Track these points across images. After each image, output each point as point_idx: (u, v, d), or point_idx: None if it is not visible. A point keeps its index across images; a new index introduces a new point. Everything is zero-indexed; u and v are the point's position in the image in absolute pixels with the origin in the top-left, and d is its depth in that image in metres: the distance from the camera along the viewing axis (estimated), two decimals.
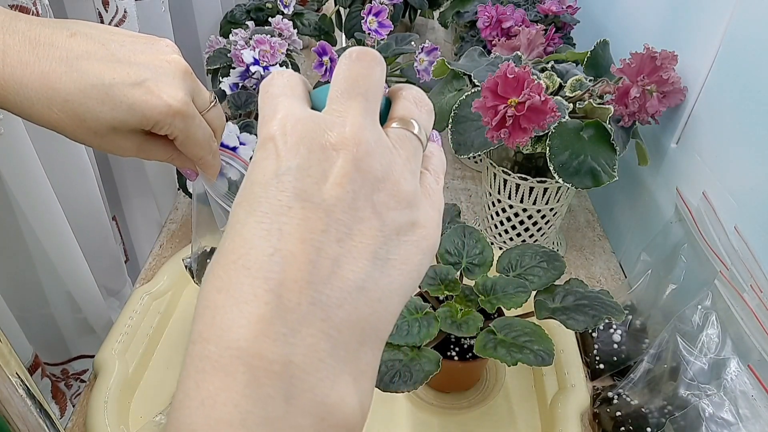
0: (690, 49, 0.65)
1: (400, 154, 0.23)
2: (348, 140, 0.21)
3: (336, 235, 0.20)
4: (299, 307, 0.19)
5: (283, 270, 0.19)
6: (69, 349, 0.74)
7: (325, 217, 0.20)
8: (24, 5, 0.53)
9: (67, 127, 0.36)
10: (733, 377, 0.49)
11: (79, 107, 0.35)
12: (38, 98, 0.35)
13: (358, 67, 0.23)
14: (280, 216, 0.20)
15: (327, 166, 0.21)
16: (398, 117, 0.24)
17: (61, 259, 0.65)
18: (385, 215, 0.21)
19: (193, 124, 0.40)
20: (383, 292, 0.21)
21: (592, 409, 0.58)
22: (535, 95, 0.55)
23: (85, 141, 0.38)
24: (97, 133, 0.37)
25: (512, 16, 0.85)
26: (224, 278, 0.20)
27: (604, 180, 0.61)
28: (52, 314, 0.70)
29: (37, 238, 0.62)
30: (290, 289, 0.19)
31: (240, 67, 0.81)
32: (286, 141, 0.21)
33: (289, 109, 0.22)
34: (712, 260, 0.56)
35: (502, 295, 0.53)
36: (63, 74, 0.35)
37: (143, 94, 0.37)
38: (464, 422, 0.57)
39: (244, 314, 0.19)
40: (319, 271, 0.19)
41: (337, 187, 0.20)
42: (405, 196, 0.22)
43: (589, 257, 0.81)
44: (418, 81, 0.85)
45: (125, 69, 0.37)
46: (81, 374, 0.76)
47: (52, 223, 0.62)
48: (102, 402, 0.53)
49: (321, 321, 0.19)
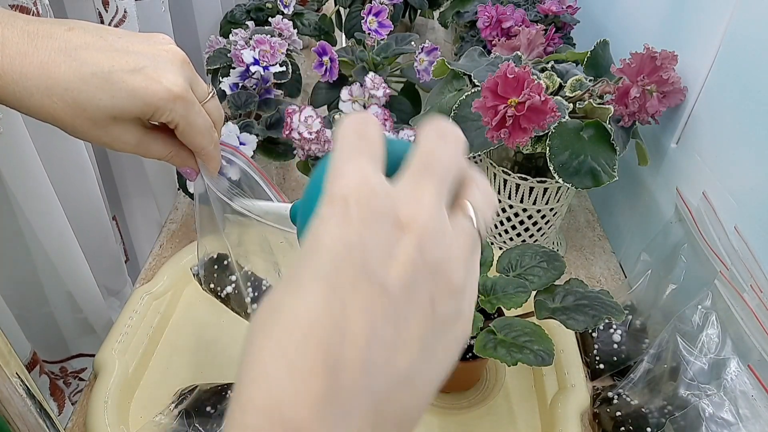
0: (690, 49, 0.65)
1: (459, 245, 0.22)
2: (418, 223, 0.21)
3: (394, 321, 0.19)
4: (354, 392, 0.18)
5: (343, 348, 0.18)
6: (69, 348, 0.74)
7: (386, 300, 0.19)
8: (24, 5, 0.53)
9: (66, 118, 0.36)
10: (733, 377, 0.49)
11: (78, 95, 0.35)
12: (37, 88, 0.35)
13: (443, 148, 0.23)
14: (345, 291, 0.19)
15: (393, 244, 0.20)
16: (465, 205, 0.24)
17: (61, 258, 0.65)
18: (438, 305, 0.21)
19: (193, 111, 0.40)
20: (425, 383, 0.21)
21: (592, 409, 0.58)
22: (535, 95, 0.55)
23: (84, 133, 0.37)
24: (96, 123, 0.37)
25: (512, 16, 0.85)
26: (280, 340, 0.19)
27: (604, 180, 0.61)
28: (52, 314, 0.70)
29: (37, 237, 0.62)
30: (348, 369, 0.18)
31: (240, 67, 0.81)
32: (359, 209, 0.20)
33: (366, 174, 0.21)
34: (712, 260, 0.56)
35: (502, 295, 0.53)
36: (62, 63, 0.35)
37: (143, 80, 0.36)
38: (464, 422, 0.57)
39: (299, 390, 0.18)
40: (375, 356, 0.19)
41: (401, 271, 0.20)
42: (457, 288, 0.21)
43: (589, 257, 0.81)
44: (418, 81, 0.85)
45: (124, 57, 0.37)
46: (80, 372, 0.76)
47: (52, 223, 0.62)
48: (102, 402, 0.53)
49: (369, 409, 0.19)
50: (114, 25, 0.70)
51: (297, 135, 0.69)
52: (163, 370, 0.60)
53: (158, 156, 0.42)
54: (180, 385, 0.57)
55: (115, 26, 0.70)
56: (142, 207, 0.92)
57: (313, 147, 0.70)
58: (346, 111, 0.77)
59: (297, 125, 0.69)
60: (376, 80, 0.76)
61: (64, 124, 0.37)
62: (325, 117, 0.76)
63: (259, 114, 0.80)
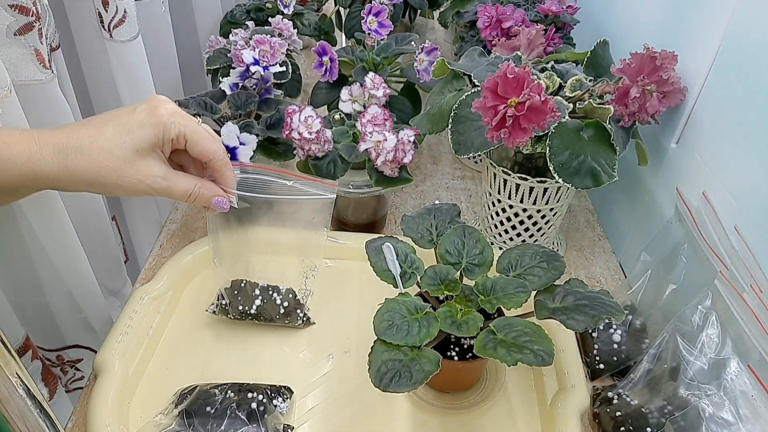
0: (690, 49, 0.65)
1: None
2: None
3: None
4: None
5: None
6: (66, 340, 0.74)
7: None
8: (24, 5, 0.53)
9: (102, 169, 0.45)
10: (733, 377, 0.49)
11: (105, 143, 0.45)
12: (82, 180, 0.46)
13: None
14: None
15: None
16: None
17: (61, 258, 0.65)
18: None
19: (193, 121, 0.49)
20: None
21: (592, 409, 0.58)
22: (535, 95, 0.55)
23: (119, 176, 0.46)
24: (125, 160, 0.46)
25: (512, 16, 0.85)
26: None
27: (604, 180, 0.61)
28: (52, 313, 0.70)
29: (38, 237, 0.62)
30: None
31: (240, 67, 0.81)
32: None
33: None
34: (712, 260, 0.56)
35: (502, 295, 0.53)
36: (88, 152, 0.45)
37: (144, 111, 0.47)
38: (464, 422, 0.57)
39: None
40: None
41: None
42: None
43: (589, 257, 0.81)
44: (418, 81, 0.85)
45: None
46: (76, 362, 0.76)
47: (53, 223, 0.62)
48: (102, 402, 0.53)
49: None
50: (114, 26, 0.70)
51: (297, 135, 0.69)
52: (163, 371, 0.60)
53: (186, 188, 0.50)
54: (180, 385, 0.57)
55: (115, 26, 0.70)
56: (142, 207, 0.92)
57: (313, 147, 0.70)
58: (347, 111, 0.77)
59: (297, 125, 0.69)
60: (376, 80, 0.76)
61: (102, 174, 0.45)
62: (325, 117, 0.76)
63: (259, 114, 0.80)
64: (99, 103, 0.82)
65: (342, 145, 0.71)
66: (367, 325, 0.49)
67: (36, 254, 0.63)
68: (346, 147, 0.71)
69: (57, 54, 0.64)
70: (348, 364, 0.62)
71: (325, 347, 0.63)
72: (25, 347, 0.65)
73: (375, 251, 0.57)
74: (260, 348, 0.63)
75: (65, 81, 0.67)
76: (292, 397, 0.57)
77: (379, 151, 0.68)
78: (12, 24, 0.52)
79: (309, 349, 0.63)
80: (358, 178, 0.74)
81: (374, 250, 0.57)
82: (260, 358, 0.62)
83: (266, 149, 0.77)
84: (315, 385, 0.59)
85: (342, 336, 0.64)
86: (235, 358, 0.62)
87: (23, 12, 0.53)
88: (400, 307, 0.51)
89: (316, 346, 0.63)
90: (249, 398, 0.54)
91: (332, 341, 0.64)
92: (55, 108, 0.60)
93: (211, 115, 0.77)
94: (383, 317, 0.50)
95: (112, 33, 0.71)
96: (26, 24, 0.53)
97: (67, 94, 0.65)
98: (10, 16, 0.52)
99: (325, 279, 0.71)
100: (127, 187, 0.47)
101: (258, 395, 0.54)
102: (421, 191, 0.92)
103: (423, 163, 0.99)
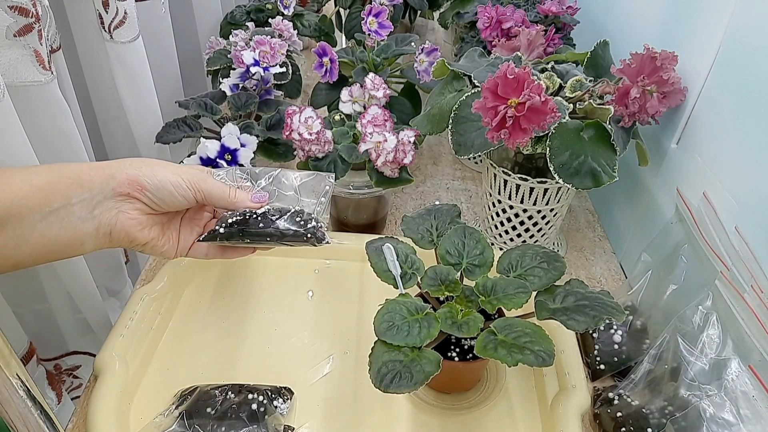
0: (690, 49, 0.65)
1: None
2: None
3: None
4: None
5: None
6: (66, 345, 0.74)
7: None
8: (23, 6, 0.53)
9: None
10: (733, 378, 0.49)
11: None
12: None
13: None
14: None
15: None
16: None
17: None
18: None
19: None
20: None
21: (593, 409, 0.58)
22: (535, 96, 0.55)
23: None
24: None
25: (512, 17, 0.85)
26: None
27: (604, 180, 0.61)
28: (51, 313, 0.70)
29: None
30: None
31: (240, 68, 0.81)
32: None
33: None
34: (712, 261, 0.56)
35: (502, 296, 0.53)
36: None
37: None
38: (465, 423, 0.57)
39: None
40: None
41: None
42: None
43: (590, 258, 0.81)
44: (418, 81, 0.85)
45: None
46: (74, 370, 0.76)
47: None
48: (102, 403, 0.53)
49: None
50: (114, 27, 0.70)
51: (297, 136, 0.69)
52: (164, 372, 0.60)
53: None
54: (180, 386, 0.57)
55: (116, 27, 0.70)
56: None
57: (313, 148, 0.70)
58: (347, 112, 0.77)
59: (297, 126, 0.69)
60: (376, 81, 0.76)
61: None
62: (325, 118, 0.76)
63: (260, 115, 0.80)
64: (99, 104, 0.82)
65: (342, 145, 0.71)
66: (367, 326, 0.50)
67: None
68: (346, 148, 0.71)
69: (57, 55, 0.64)
70: (348, 365, 0.62)
71: (325, 348, 0.63)
72: (30, 354, 0.65)
73: (375, 252, 0.57)
74: (261, 349, 0.63)
75: (66, 82, 0.67)
76: (293, 398, 0.57)
77: (380, 151, 0.68)
78: (12, 25, 0.53)
79: (309, 350, 0.63)
80: (359, 179, 0.74)
81: (374, 250, 0.57)
82: (261, 359, 0.62)
83: (266, 150, 0.77)
84: (315, 386, 0.59)
85: (342, 337, 0.64)
86: (236, 359, 0.62)
87: (23, 13, 0.53)
88: (400, 308, 0.51)
89: (316, 347, 0.63)
90: (249, 399, 0.54)
91: (332, 342, 0.64)
92: (55, 109, 0.60)
93: (212, 116, 0.77)
94: (383, 318, 0.50)
95: (112, 34, 0.71)
96: (26, 25, 0.53)
97: (67, 95, 0.65)
98: (10, 17, 0.52)
99: (326, 279, 0.71)
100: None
101: (258, 396, 0.54)
102: (422, 192, 0.92)
103: (423, 163, 0.99)
